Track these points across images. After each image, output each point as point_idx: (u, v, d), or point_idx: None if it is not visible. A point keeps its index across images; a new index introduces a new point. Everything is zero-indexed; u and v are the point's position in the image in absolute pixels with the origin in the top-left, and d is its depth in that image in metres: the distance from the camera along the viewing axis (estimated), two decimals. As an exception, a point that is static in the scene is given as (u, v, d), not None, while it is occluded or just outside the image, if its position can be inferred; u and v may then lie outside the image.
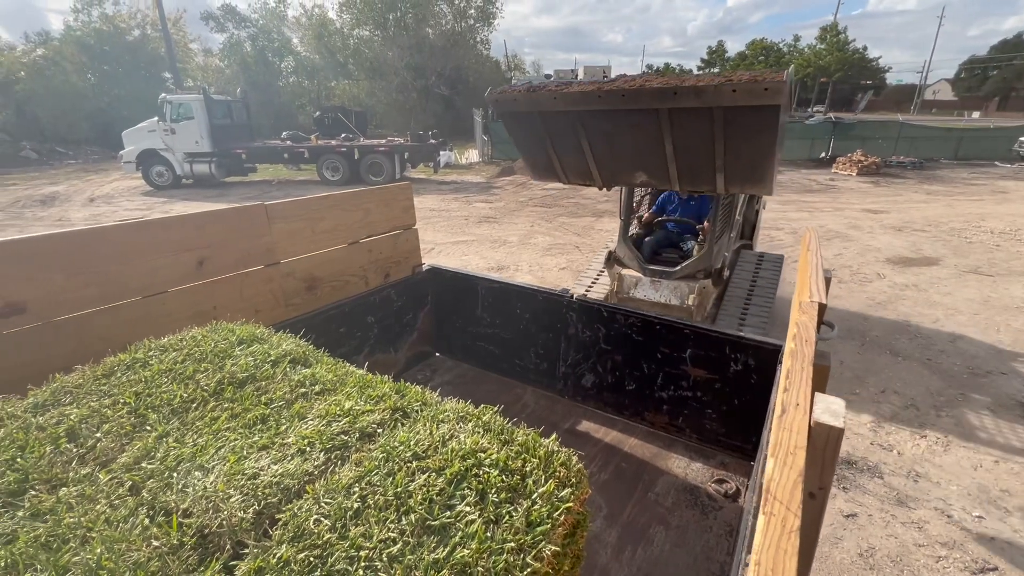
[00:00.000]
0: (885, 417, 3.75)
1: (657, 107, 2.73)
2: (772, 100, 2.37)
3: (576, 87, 2.98)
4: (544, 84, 3.16)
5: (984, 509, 2.90)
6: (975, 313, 5.62)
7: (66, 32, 26.84)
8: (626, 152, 3.25)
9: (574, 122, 3.14)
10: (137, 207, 12.48)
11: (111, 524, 0.88)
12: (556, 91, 3.01)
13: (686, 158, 3.05)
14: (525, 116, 3.33)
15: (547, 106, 3.10)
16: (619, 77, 3.10)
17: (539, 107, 3.16)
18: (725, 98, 2.47)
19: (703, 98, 2.55)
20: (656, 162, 3.18)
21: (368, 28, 31.20)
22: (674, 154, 3.03)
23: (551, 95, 3.02)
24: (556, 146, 3.46)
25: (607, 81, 2.93)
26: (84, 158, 23.23)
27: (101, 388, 1.29)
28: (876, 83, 58.07)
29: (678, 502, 2.21)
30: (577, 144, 3.32)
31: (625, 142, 3.16)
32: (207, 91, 15.06)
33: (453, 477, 0.99)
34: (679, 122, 2.80)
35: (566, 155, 3.50)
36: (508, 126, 3.61)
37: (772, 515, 0.54)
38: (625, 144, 3.18)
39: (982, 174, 16.65)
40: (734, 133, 2.71)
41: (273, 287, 2.45)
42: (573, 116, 3.10)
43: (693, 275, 4.03)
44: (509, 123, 3.53)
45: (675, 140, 2.93)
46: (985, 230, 9.29)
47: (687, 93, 2.58)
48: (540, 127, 3.36)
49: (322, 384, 1.34)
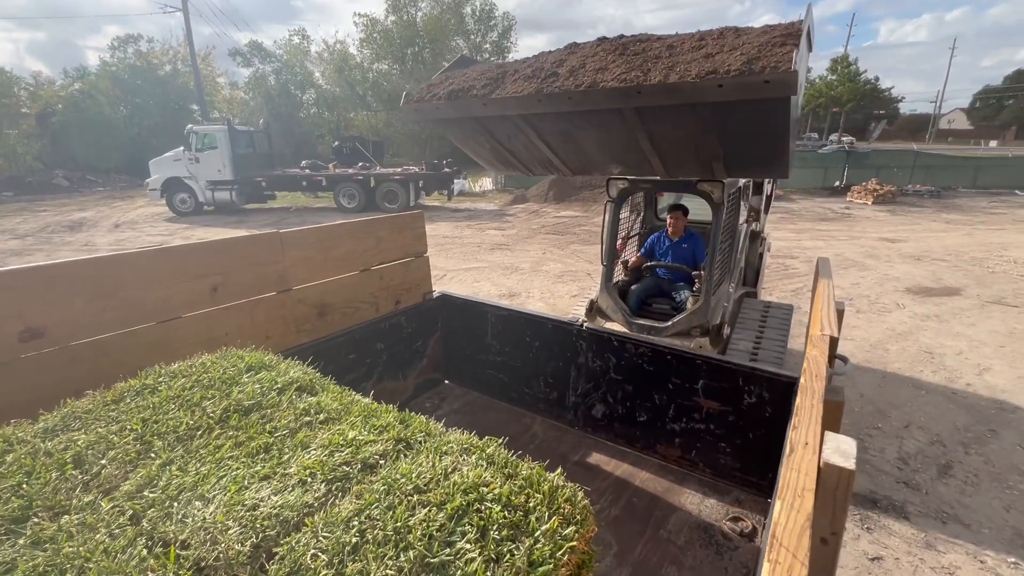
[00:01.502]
0: (910, 453, 3.60)
1: (620, 107, 2.21)
2: (777, 93, 1.82)
3: (509, 87, 2.40)
4: (468, 84, 2.56)
5: (1020, 555, 2.74)
6: (1001, 345, 5.43)
7: (102, 67, 28.33)
8: (593, 148, 2.70)
9: (519, 124, 2.62)
10: (160, 232, 12.85)
11: (109, 554, 0.87)
12: (483, 96, 2.46)
13: (671, 150, 2.56)
14: (456, 121, 2.82)
15: (478, 112, 2.57)
16: (567, 51, 2.50)
17: (468, 113, 2.63)
18: (710, 95, 1.95)
19: (680, 96, 2.02)
20: (633, 156, 2.69)
21: (387, 62, 32.42)
22: (653, 148, 2.52)
23: (478, 101, 2.48)
24: (506, 144, 2.92)
25: (549, 76, 2.33)
26: (112, 186, 24.12)
27: (110, 414, 1.30)
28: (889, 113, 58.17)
29: (691, 541, 2.13)
30: (530, 142, 2.77)
31: (589, 138, 2.61)
32: (231, 122, 15.67)
33: (454, 512, 0.96)
34: (653, 118, 2.29)
35: (521, 151, 2.95)
36: (441, 129, 3.05)
37: (778, 563, 0.52)
38: (589, 140, 2.63)
39: (1002, 203, 16.39)
40: (730, 127, 2.22)
41: (285, 313, 2.48)
42: (516, 119, 2.56)
43: (687, 331, 3.40)
44: (441, 127, 3.00)
45: (651, 136, 2.43)
46: (1008, 259, 9.08)
47: (655, 92, 2.03)
48: (479, 129, 2.84)
49: (327, 413, 1.34)
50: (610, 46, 2.41)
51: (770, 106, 1.95)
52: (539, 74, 2.41)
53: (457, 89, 2.60)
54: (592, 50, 2.45)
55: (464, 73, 2.82)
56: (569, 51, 2.55)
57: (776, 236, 10.78)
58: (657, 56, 2.19)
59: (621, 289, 3.99)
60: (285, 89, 31.97)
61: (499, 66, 2.71)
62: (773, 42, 1.90)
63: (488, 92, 2.46)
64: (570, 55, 2.49)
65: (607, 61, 2.28)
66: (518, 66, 2.62)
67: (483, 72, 2.69)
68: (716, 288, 3.51)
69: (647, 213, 5.07)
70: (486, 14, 32.68)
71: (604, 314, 3.74)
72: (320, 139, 31.87)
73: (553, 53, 2.65)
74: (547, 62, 2.50)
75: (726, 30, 2.23)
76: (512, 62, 2.78)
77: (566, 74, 2.30)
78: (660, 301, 3.96)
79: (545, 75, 2.37)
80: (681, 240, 4.06)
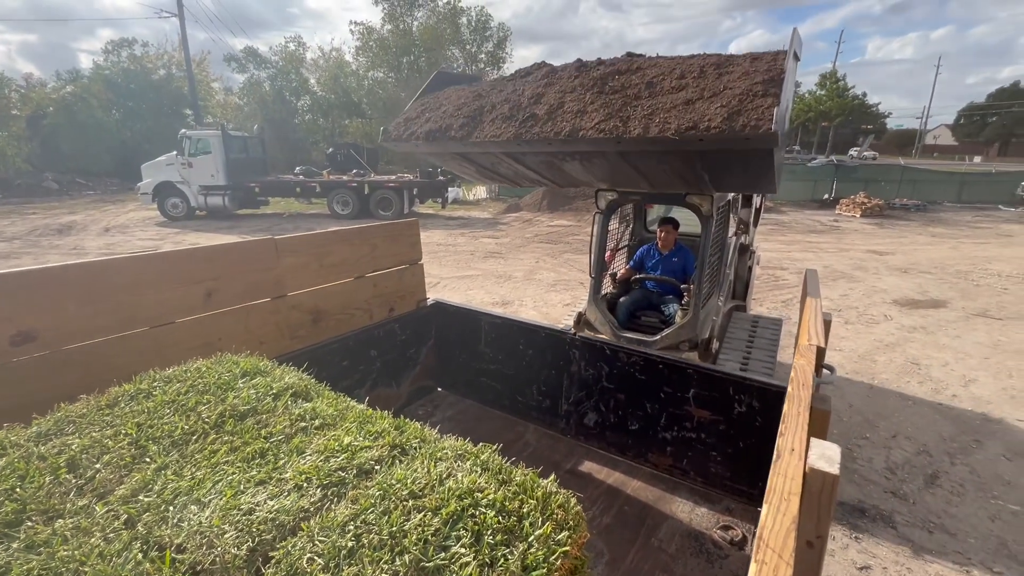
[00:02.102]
0: (897, 463, 3.65)
1: (602, 150, 2.21)
2: (760, 146, 1.81)
3: (488, 128, 2.35)
4: (446, 124, 2.51)
5: (1005, 564, 2.78)
6: (985, 357, 5.53)
7: (95, 70, 28.18)
8: (579, 172, 2.69)
9: (501, 156, 2.60)
10: (150, 237, 12.74)
11: (104, 558, 0.87)
12: (462, 138, 2.44)
13: (658, 176, 2.58)
14: (438, 154, 2.80)
15: (458, 149, 2.58)
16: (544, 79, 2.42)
17: (448, 151, 2.62)
18: (691, 145, 1.94)
19: (661, 145, 1.99)
20: (620, 176, 2.71)
21: (382, 70, 32.59)
22: (640, 174, 2.54)
23: (458, 143, 2.46)
24: (490, 168, 2.92)
25: (528, 119, 2.27)
26: (103, 189, 23.91)
27: (104, 418, 1.30)
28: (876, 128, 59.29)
29: (682, 549, 2.14)
30: (514, 167, 2.77)
31: (574, 167, 2.61)
32: (225, 127, 15.63)
33: (449, 517, 0.98)
34: (637, 157, 2.30)
35: (507, 172, 2.94)
36: (423, 156, 3.02)
37: (764, 563, 0.54)
38: (575, 167, 2.62)
39: (986, 217, 16.72)
40: (715, 163, 2.22)
41: (279, 319, 2.48)
42: (498, 153, 2.56)
43: (676, 345, 3.37)
44: (423, 156, 2.97)
45: (637, 167, 2.44)
46: (992, 273, 9.26)
47: (635, 143, 2.02)
48: (461, 159, 2.83)
49: (322, 418, 1.35)
50: (588, 80, 2.34)
51: (752, 154, 1.96)
52: (517, 113, 2.35)
53: (435, 129, 2.56)
54: (569, 83, 2.39)
55: (440, 103, 2.75)
56: (546, 81, 2.47)
57: (766, 248, 10.91)
58: (637, 97, 2.14)
59: (610, 302, 3.97)
60: (280, 95, 31.98)
61: (475, 95, 2.63)
62: (755, 90, 1.84)
63: (466, 134, 2.44)
64: (548, 87, 2.42)
65: (585, 102, 2.22)
66: (495, 99, 2.53)
67: (459, 105, 2.62)
68: (705, 302, 3.49)
69: (636, 225, 5.08)
70: (482, 25, 33.01)
71: (592, 327, 3.69)
72: (314, 146, 31.86)
73: (530, 80, 2.57)
74: (524, 96, 2.43)
75: (707, 65, 2.15)
76: (489, 87, 2.72)
77: (544, 116, 2.26)
78: (649, 314, 3.94)
79: (523, 117, 2.32)
80: (671, 253, 4.06)
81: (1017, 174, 20.31)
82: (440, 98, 2.84)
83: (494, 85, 2.75)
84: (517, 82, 2.64)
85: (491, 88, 2.71)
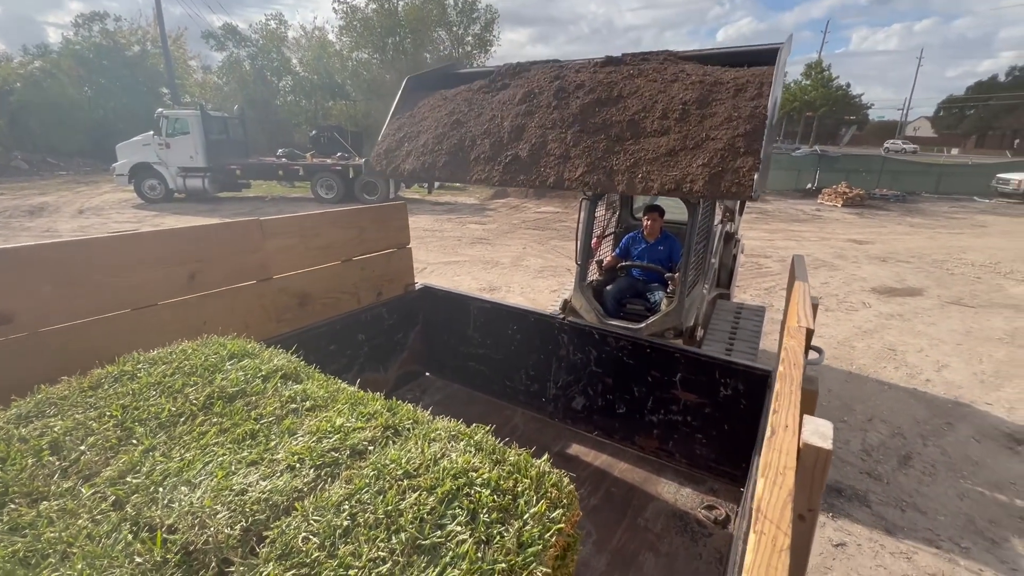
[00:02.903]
0: (873, 445, 3.77)
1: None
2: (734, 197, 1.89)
3: (473, 169, 2.40)
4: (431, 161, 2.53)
5: (972, 540, 2.90)
6: (958, 343, 5.71)
7: (65, 45, 27.01)
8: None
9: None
10: (127, 220, 12.39)
11: (92, 539, 0.86)
12: (448, 176, 2.49)
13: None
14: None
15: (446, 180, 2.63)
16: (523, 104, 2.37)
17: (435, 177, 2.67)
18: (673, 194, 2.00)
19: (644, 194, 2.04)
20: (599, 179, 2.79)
21: (367, 51, 31.80)
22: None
23: (446, 171, 2.50)
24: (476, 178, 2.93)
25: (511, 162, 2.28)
26: (75, 170, 23.10)
27: (87, 400, 1.27)
28: (859, 119, 60.10)
29: (668, 528, 2.19)
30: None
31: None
32: (204, 107, 15.18)
33: (444, 496, 0.98)
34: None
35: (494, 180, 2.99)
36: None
37: (763, 534, 0.55)
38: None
39: (961, 208, 17.15)
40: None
41: (265, 302, 2.44)
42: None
43: (661, 333, 3.40)
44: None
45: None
46: (966, 262, 9.52)
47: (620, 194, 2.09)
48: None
49: (313, 400, 1.33)
50: (568, 114, 2.26)
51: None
52: (499, 154, 2.34)
53: (418, 168, 2.58)
54: (549, 114, 2.32)
55: (418, 127, 2.69)
56: (526, 107, 2.40)
57: (750, 236, 11.05)
58: (619, 139, 2.13)
59: (596, 289, 3.96)
60: (261, 75, 31.08)
61: (453, 120, 2.58)
62: (736, 145, 1.85)
63: (451, 173, 2.48)
64: (527, 116, 2.37)
65: (567, 144, 2.20)
66: (474, 128, 2.49)
67: (438, 136, 2.56)
68: (690, 290, 3.51)
69: (623, 212, 5.09)
70: (468, 6, 32.36)
71: (577, 314, 3.70)
72: (297, 128, 31.10)
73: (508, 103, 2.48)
74: (504, 129, 2.38)
75: (690, 102, 2.07)
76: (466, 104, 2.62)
77: (528, 159, 2.28)
78: (634, 302, 3.94)
79: (506, 160, 2.32)
80: (657, 241, 4.07)
81: (993, 166, 20.82)
82: (416, 116, 2.77)
83: (470, 102, 2.63)
84: (494, 103, 2.55)
85: (468, 107, 2.61)
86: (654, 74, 2.27)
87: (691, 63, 2.36)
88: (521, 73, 2.64)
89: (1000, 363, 5.22)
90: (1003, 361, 5.28)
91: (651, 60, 2.40)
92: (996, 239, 11.94)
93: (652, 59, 2.41)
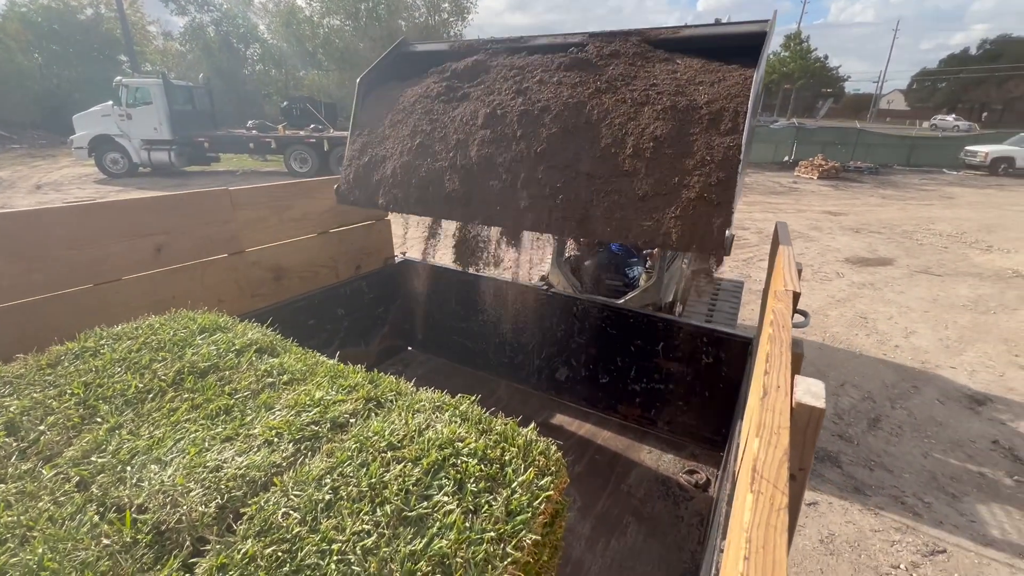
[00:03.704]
0: (844, 409, 3.90)
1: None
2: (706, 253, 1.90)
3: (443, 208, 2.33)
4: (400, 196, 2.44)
5: (934, 495, 3.05)
6: (925, 311, 5.91)
7: (10, 8, 25.14)
8: None
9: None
10: (89, 195, 11.82)
11: (55, 522, 0.81)
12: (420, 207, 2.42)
13: None
14: None
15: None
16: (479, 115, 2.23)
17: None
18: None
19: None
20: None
21: (339, 17, 30.45)
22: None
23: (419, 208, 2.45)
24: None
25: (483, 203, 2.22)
26: (30, 143, 21.83)
27: (46, 378, 1.20)
28: (836, 91, 60.57)
29: (650, 493, 2.23)
30: None
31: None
32: (166, 76, 14.38)
33: (430, 467, 0.95)
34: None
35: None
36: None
37: (761, 493, 0.54)
38: None
39: (931, 180, 17.58)
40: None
41: (238, 276, 2.35)
42: None
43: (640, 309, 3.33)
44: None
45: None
46: (935, 232, 9.80)
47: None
48: None
49: (291, 374, 1.28)
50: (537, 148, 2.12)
51: None
52: (471, 190, 2.24)
53: (390, 202, 2.48)
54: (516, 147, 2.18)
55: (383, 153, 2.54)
56: (491, 135, 2.24)
57: (729, 208, 11.13)
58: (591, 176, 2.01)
59: (573, 264, 3.92)
60: (226, 42, 29.55)
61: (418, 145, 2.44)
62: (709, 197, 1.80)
63: (425, 210, 2.43)
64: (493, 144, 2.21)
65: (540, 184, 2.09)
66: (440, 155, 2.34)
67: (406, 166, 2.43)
68: (669, 264, 3.52)
69: None
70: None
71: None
72: (267, 99, 29.86)
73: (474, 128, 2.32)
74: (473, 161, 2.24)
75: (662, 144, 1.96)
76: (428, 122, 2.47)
77: (495, 201, 2.18)
78: (613, 277, 3.89)
79: (476, 201, 2.23)
80: None
81: (960, 139, 21.31)
82: (377, 135, 2.60)
83: (431, 116, 2.46)
84: (456, 121, 2.38)
85: (429, 124, 2.44)
86: (623, 89, 2.11)
87: (664, 63, 2.18)
88: (479, 74, 2.44)
89: (964, 329, 5.43)
90: (966, 327, 5.49)
91: (621, 55, 2.22)
92: (963, 210, 12.31)
93: (622, 53, 2.23)
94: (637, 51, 2.25)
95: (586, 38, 2.37)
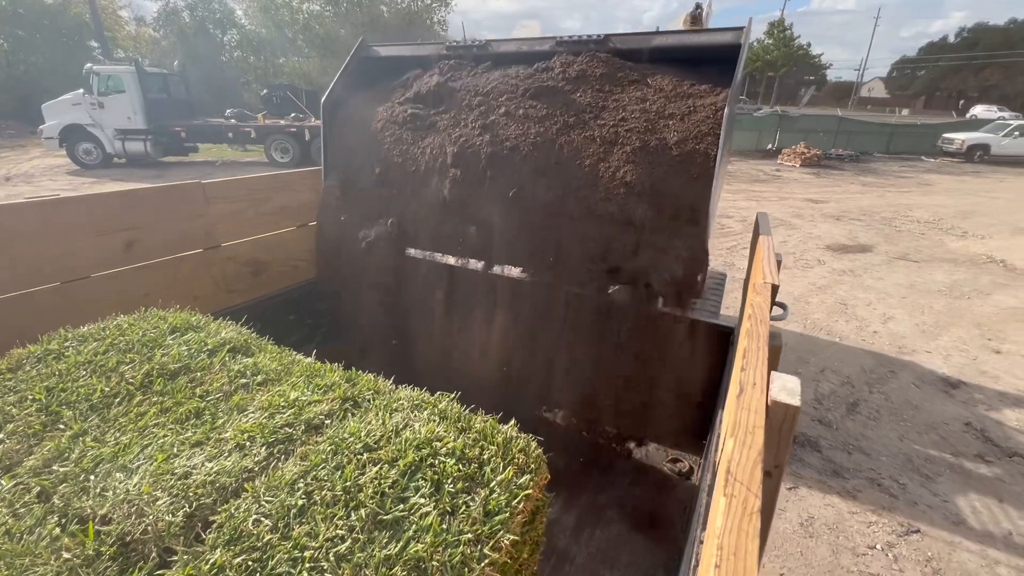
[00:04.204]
0: (824, 394, 3.97)
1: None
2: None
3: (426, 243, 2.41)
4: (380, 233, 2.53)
5: (909, 477, 3.13)
6: (903, 297, 6.03)
7: (-30, -9, 24.04)
8: None
9: None
10: (62, 187, 11.45)
11: (12, 536, 0.78)
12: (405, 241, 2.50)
13: None
14: None
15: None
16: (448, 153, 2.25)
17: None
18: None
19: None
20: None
21: (319, 3, 29.69)
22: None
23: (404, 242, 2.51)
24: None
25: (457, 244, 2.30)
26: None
27: (6, 383, 1.15)
28: (818, 79, 61.07)
29: (634, 483, 2.25)
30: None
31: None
32: (140, 63, 13.92)
33: (407, 468, 0.94)
34: None
35: None
36: None
37: (733, 496, 0.53)
38: None
39: (910, 167, 17.88)
40: None
41: (213, 272, 2.29)
42: None
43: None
44: None
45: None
46: (913, 219, 9.98)
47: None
48: None
49: (265, 374, 1.25)
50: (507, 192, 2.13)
51: None
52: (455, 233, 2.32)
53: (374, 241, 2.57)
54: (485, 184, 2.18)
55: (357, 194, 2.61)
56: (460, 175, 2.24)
57: (714, 196, 11.20)
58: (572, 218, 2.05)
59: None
60: (203, 28, 28.68)
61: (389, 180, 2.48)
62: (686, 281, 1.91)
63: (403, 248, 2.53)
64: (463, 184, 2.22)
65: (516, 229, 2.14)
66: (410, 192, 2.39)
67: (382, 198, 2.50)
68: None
69: None
70: (427, -45, 30.46)
71: None
72: (246, 87, 29.11)
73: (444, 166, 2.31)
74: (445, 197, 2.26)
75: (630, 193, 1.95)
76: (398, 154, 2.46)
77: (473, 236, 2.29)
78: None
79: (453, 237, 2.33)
80: None
81: (939, 126, 21.67)
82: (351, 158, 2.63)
83: (400, 145, 2.44)
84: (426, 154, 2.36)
85: (400, 155, 2.43)
86: (592, 123, 2.08)
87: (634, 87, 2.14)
88: (443, 99, 2.42)
89: (939, 314, 5.56)
90: (942, 312, 5.61)
91: (588, 78, 2.18)
92: (940, 197, 12.55)
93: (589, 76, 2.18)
94: (605, 71, 2.20)
95: (553, 46, 2.34)
